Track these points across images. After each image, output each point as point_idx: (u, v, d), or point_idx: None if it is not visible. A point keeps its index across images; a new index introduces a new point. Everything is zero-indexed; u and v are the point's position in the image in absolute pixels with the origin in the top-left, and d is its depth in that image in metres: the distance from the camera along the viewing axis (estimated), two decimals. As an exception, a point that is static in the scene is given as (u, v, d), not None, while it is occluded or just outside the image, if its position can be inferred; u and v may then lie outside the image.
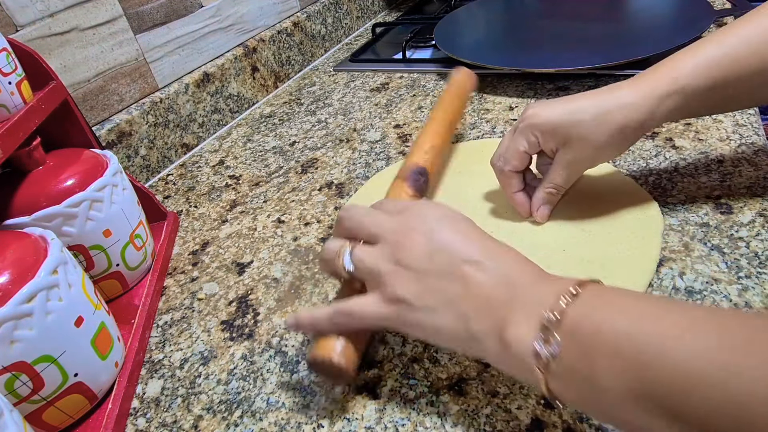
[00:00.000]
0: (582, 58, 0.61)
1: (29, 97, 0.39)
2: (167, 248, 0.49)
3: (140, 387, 0.36)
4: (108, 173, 0.41)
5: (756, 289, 0.33)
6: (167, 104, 0.63)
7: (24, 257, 0.31)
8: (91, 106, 0.56)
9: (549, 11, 0.81)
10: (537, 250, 0.39)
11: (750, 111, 0.50)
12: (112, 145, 0.57)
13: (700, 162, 0.45)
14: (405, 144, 0.58)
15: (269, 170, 0.59)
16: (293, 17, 0.84)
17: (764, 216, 0.38)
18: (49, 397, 0.31)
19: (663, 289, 0.35)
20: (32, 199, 0.38)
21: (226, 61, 0.71)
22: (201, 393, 0.35)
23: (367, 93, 0.73)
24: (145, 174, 0.61)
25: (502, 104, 0.62)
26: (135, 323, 0.40)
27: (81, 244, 0.39)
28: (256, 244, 0.48)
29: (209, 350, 0.38)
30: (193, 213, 0.55)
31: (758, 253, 0.36)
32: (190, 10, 0.67)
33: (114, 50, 0.58)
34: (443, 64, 0.75)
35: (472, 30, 0.79)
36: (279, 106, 0.75)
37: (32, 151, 0.39)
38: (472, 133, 0.57)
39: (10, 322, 0.28)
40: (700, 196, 0.41)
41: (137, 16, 0.60)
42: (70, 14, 0.53)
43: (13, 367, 0.29)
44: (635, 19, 0.71)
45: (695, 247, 0.37)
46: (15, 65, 0.38)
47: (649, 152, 0.48)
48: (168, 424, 0.33)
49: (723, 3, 0.75)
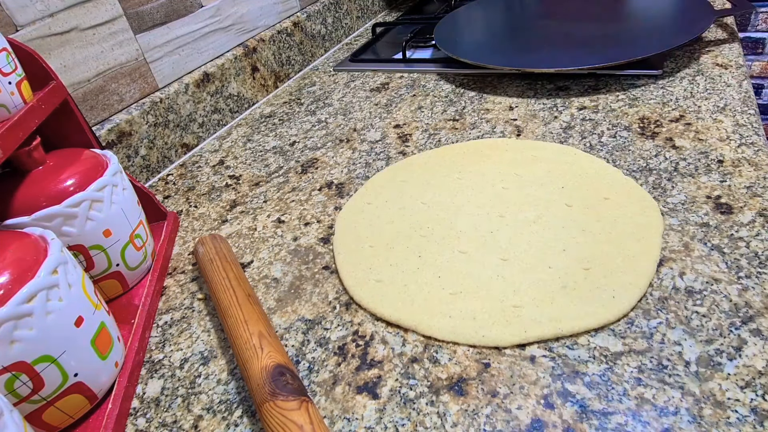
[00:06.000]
0: (582, 58, 0.61)
1: (29, 97, 0.39)
2: (167, 248, 0.49)
3: (140, 387, 0.36)
4: (108, 173, 0.41)
5: (756, 289, 0.33)
6: (167, 104, 0.63)
7: (24, 257, 0.31)
8: (91, 106, 0.56)
9: (549, 11, 0.81)
10: (537, 250, 0.39)
11: (750, 111, 0.50)
12: (112, 145, 0.57)
13: (700, 162, 0.45)
14: (405, 144, 0.58)
15: (269, 170, 0.59)
16: (293, 17, 0.84)
17: (764, 216, 0.38)
18: (49, 397, 0.31)
19: (663, 289, 0.35)
20: (32, 199, 0.38)
21: (226, 61, 0.71)
22: (201, 393, 0.35)
23: (367, 93, 0.73)
24: (145, 174, 0.61)
25: (502, 104, 0.62)
26: (135, 323, 0.40)
27: (81, 244, 0.39)
28: (256, 244, 0.48)
29: (209, 350, 0.38)
30: (193, 213, 0.55)
31: (758, 253, 0.36)
32: (190, 10, 0.67)
33: (114, 50, 0.58)
34: (443, 64, 0.75)
35: (472, 30, 0.79)
36: (279, 106, 0.75)
37: (32, 151, 0.39)
38: (472, 133, 0.57)
39: (10, 322, 0.28)
40: (700, 196, 0.41)
41: (137, 16, 0.60)
42: (70, 14, 0.53)
43: (13, 367, 0.29)
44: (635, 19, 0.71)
45: (695, 247, 0.37)
46: (15, 65, 0.38)
47: (649, 152, 0.48)
48: (168, 424, 0.33)
49: (723, 3, 0.75)
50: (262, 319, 0.35)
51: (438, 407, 0.31)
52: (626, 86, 0.60)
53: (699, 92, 0.56)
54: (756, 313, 0.32)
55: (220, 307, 0.37)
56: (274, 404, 0.28)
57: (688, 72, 0.60)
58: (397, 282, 0.39)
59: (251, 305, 0.36)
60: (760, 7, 1.37)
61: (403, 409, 0.31)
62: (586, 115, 0.56)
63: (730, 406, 0.28)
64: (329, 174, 0.56)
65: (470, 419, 0.29)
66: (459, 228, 0.43)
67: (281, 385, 0.29)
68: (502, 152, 0.52)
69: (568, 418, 0.29)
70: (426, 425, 0.30)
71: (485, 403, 0.30)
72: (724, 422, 0.27)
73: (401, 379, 0.33)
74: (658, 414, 0.28)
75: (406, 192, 0.49)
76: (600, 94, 0.60)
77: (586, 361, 0.31)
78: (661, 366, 0.30)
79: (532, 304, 0.35)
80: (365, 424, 0.31)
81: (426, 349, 0.34)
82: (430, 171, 0.51)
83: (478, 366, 0.32)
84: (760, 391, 0.28)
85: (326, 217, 0.49)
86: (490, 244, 0.41)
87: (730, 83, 0.56)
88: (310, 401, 0.29)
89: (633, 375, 0.30)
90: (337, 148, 0.60)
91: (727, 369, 0.29)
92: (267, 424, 0.28)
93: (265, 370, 0.30)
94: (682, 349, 0.31)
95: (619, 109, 0.56)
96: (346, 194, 0.52)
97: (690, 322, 0.32)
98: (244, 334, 0.34)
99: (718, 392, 0.28)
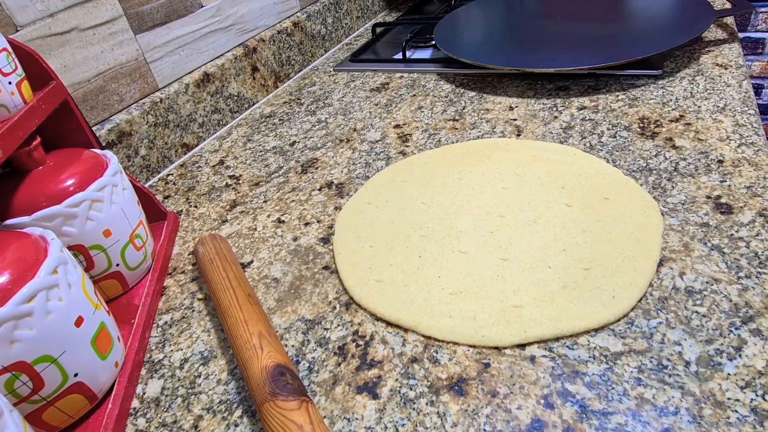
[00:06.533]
0: (582, 58, 0.61)
1: (29, 97, 0.39)
2: (167, 248, 0.49)
3: (140, 387, 0.36)
4: (108, 173, 0.41)
5: (756, 289, 0.33)
6: (167, 104, 0.63)
7: (24, 257, 0.31)
8: (91, 106, 0.56)
9: (549, 11, 0.81)
10: (537, 250, 0.39)
11: (750, 111, 0.50)
12: (112, 145, 0.57)
13: (700, 162, 0.45)
14: (405, 144, 0.58)
15: (269, 170, 0.59)
16: (293, 17, 0.84)
17: (764, 216, 0.38)
18: (49, 397, 0.31)
19: (663, 289, 0.35)
20: (32, 199, 0.38)
21: (226, 61, 0.71)
22: (201, 393, 0.35)
23: (367, 93, 0.73)
24: (145, 174, 0.61)
25: (502, 104, 0.62)
26: (135, 323, 0.40)
27: (81, 244, 0.39)
28: (256, 244, 0.48)
29: (209, 350, 0.38)
30: (193, 213, 0.55)
31: (758, 253, 0.36)
32: (190, 10, 0.67)
33: (114, 50, 0.58)
34: (443, 64, 0.75)
35: (472, 30, 0.79)
36: (279, 106, 0.75)
37: (32, 151, 0.39)
38: (472, 133, 0.57)
39: (10, 322, 0.28)
40: (700, 196, 0.41)
41: (137, 16, 0.60)
42: (70, 14, 0.53)
43: (13, 367, 0.29)
44: (635, 19, 0.71)
45: (695, 247, 0.37)
46: (15, 65, 0.38)
47: (649, 152, 0.48)
48: (168, 424, 0.33)
49: (723, 3, 0.75)
50: (262, 319, 0.35)
51: (438, 407, 0.31)
52: (626, 86, 0.60)
53: (699, 92, 0.56)
54: (756, 313, 0.32)
55: (220, 307, 0.37)
56: (274, 404, 0.28)
57: (688, 72, 0.60)
58: (397, 282, 0.39)
59: (251, 305, 0.36)
60: (760, 7, 1.37)
61: (403, 409, 0.31)
62: (586, 115, 0.56)
63: (730, 406, 0.28)
64: (329, 174, 0.56)
65: (470, 419, 0.29)
66: (459, 228, 0.43)
67: (281, 385, 0.29)
68: (502, 152, 0.52)
69: (568, 418, 0.29)
70: (426, 425, 0.30)
71: (485, 403, 0.30)
72: (724, 422, 0.27)
73: (401, 379, 0.33)
74: (658, 414, 0.28)
75: (406, 192, 0.49)
76: (600, 94, 0.60)
77: (586, 361, 0.31)
78: (661, 366, 0.30)
79: (533, 304, 0.35)
80: (365, 424, 0.31)
81: (426, 349, 0.34)
82: (430, 171, 0.51)
83: (478, 366, 0.32)
84: (760, 391, 0.28)
85: (326, 217, 0.49)
86: (490, 243, 0.41)
87: (730, 83, 0.56)
88: (310, 401, 0.29)
89: (633, 375, 0.30)
90: (337, 148, 0.60)
91: (727, 369, 0.30)
92: (267, 424, 0.28)
93: (265, 370, 0.30)
94: (682, 349, 0.31)
95: (619, 109, 0.56)
96: (346, 194, 0.52)
97: (690, 322, 0.32)
98: (244, 334, 0.34)
99: (718, 392, 0.28)
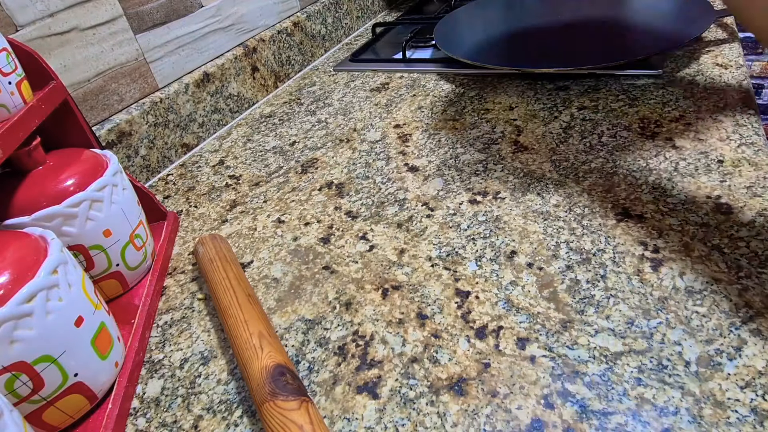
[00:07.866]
0: (582, 58, 0.61)
1: (29, 97, 0.39)
2: (167, 248, 0.49)
3: (140, 387, 0.36)
4: (108, 173, 0.41)
5: (756, 289, 0.33)
6: (167, 104, 0.63)
7: (24, 257, 0.31)
8: (91, 106, 0.56)
9: (549, 11, 0.81)
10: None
11: (750, 111, 0.50)
12: (112, 145, 0.57)
13: (700, 162, 0.45)
14: (405, 144, 0.58)
15: (269, 170, 0.59)
16: (293, 17, 0.84)
17: (764, 216, 0.38)
18: (49, 397, 0.31)
19: (663, 289, 0.35)
20: (32, 199, 0.38)
21: (226, 61, 0.71)
22: (201, 393, 0.35)
23: (367, 93, 0.73)
24: (145, 174, 0.61)
25: (502, 104, 0.62)
26: (135, 323, 0.40)
27: (81, 244, 0.39)
28: (256, 244, 0.48)
29: (209, 350, 0.38)
30: (193, 213, 0.55)
31: (758, 253, 0.36)
32: (190, 10, 0.67)
33: (114, 50, 0.58)
34: (443, 64, 0.75)
35: (472, 30, 0.79)
36: (279, 106, 0.75)
37: (32, 151, 0.39)
38: (472, 133, 0.57)
39: (10, 322, 0.28)
40: (700, 196, 0.41)
41: (137, 16, 0.60)
42: (70, 14, 0.53)
43: (13, 367, 0.29)
44: (635, 19, 0.71)
45: (695, 247, 0.37)
46: (15, 65, 0.38)
47: (649, 152, 0.48)
48: (168, 424, 0.33)
49: (723, 3, 0.75)
50: (262, 319, 0.35)
51: (438, 407, 0.31)
52: (626, 86, 0.60)
53: (699, 92, 0.56)
54: (756, 313, 0.32)
55: (220, 307, 0.37)
56: (274, 404, 0.28)
57: (688, 72, 0.60)
58: None
59: (251, 305, 0.36)
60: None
61: (403, 409, 0.31)
62: (586, 115, 0.56)
63: (730, 406, 0.28)
64: (329, 174, 0.56)
65: (470, 419, 0.29)
66: None
67: (281, 385, 0.29)
68: None
69: (568, 418, 0.29)
70: (426, 425, 0.30)
71: (485, 403, 0.30)
72: (724, 422, 0.27)
73: (401, 379, 0.33)
74: (658, 414, 0.28)
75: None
76: (600, 94, 0.60)
77: (586, 361, 0.31)
78: (661, 366, 0.30)
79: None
80: (365, 424, 0.31)
81: (426, 349, 0.34)
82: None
83: (478, 366, 0.32)
84: (760, 391, 0.28)
85: (326, 217, 0.49)
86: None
87: (730, 83, 0.56)
88: (310, 401, 0.29)
89: (633, 375, 0.30)
90: (337, 148, 0.60)
91: (727, 369, 0.30)
92: (267, 424, 0.28)
93: (265, 370, 0.30)
94: (682, 349, 0.31)
95: (619, 109, 0.56)
96: (346, 194, 0.52)
97: (690, 322, 0.32)
98: (244, 334, 0.34)
99: (718, 392, 0.28)
